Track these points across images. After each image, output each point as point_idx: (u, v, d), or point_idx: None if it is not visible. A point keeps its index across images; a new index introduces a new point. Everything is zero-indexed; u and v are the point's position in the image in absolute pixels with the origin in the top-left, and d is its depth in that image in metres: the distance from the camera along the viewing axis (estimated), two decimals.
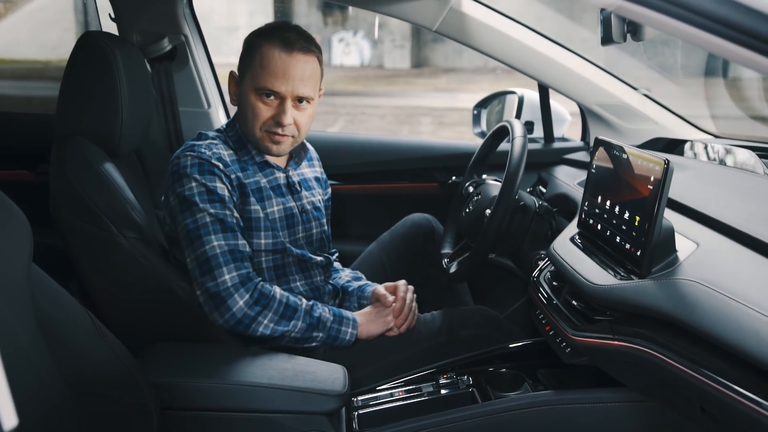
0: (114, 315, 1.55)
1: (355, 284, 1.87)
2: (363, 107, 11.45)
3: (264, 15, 16.22)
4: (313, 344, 1.60)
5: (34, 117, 2.48)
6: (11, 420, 0.51)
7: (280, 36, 1.57)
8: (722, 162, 1.75)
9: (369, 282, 1.87)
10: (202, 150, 1.58)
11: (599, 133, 2.13)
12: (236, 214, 1.58)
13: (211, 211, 1.53)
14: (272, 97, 1.58)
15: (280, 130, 1.60)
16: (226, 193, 1.57)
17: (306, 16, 17.01)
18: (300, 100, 1.60)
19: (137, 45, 2.14)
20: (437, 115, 10.73)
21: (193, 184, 1.54)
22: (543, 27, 2.09)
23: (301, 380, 1.34)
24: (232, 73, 1.67)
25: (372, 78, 15.69)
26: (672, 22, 0.66)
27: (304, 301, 1.61)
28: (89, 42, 1.53)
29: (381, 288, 1.76)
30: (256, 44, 1.59)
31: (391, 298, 1.70)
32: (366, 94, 13.10)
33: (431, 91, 13.72)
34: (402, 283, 1.76)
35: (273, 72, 1.55)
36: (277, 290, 1.57)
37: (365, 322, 1.66)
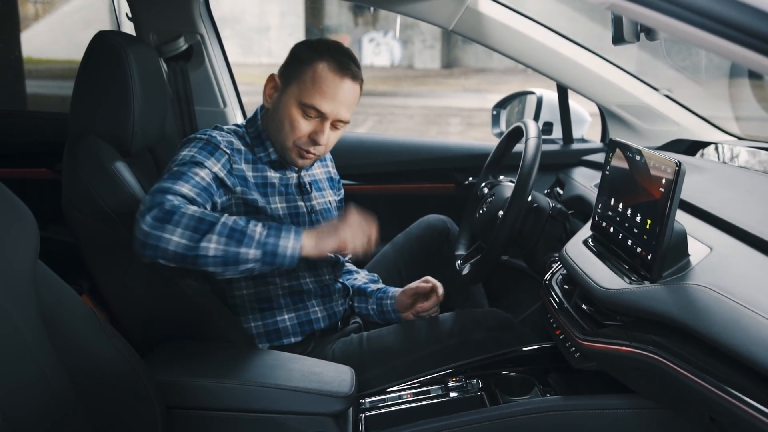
0: (123, 312, 1.56)
1: (374, 286, 1.86)
2: (392, 107, 11.45)
3: (295, 16, 16.31)
4: (249, 265, 1.36)
5: (54, 116, 2.51)
6: None
7: (336, 58, 1.58)
8: (743, 164, 1.71)
9: (389, 287, 1.86)
10: (213, 134, 1.59)
11: (619, 135, 2.11)
12: (202, 175, 1.47)
13: (175, 168, 1.46)
14: (315, 114, 1.59)
15: (312, 149, 1.62)
16: (211, 165, 1.50)
17: (337, 16, 17.07)
18: (338, 122, 1.62)
19: (153, 44, 2.17)
20: (466, 116, 10.70)
21: (185, 151, 1.52)
22: (574, 27, 2.06)
23: (307, 381, 1.34)
24: (272, 76, 1.66)
25: (402, 78, 15.69)
26: (667, 20, 0.64)
27: (227, 216, 1.40)
28: (102, 41, 1.54)
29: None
30: (309, 59, 1.59)
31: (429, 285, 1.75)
32: (395, 95, 13.10)
33: (461, 92, 13.67)
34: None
35: (324, 92, 1.57)
36: (192, 207, 1.36)
37: (315, 234, 1.42)
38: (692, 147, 2.00)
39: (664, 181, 1.11)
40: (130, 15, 2.20)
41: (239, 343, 1.56)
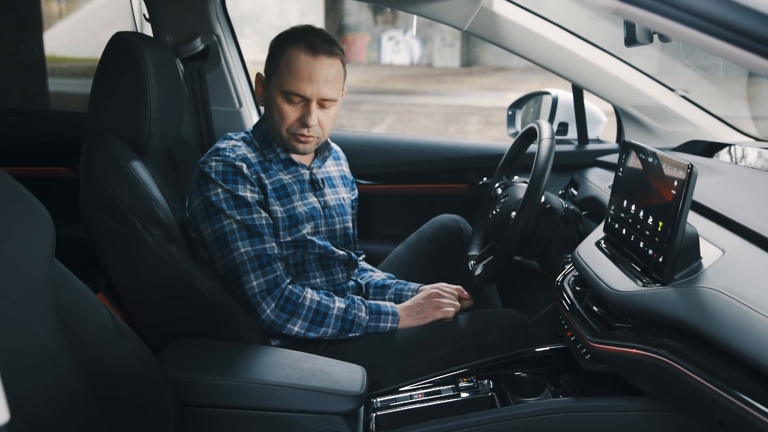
0: (138, 311, 1.58)
1: (392, 281, 1.88)
2: (411, 106, 11.43)
3: (315, 14, 16.34)
4: (352, 337, 1.66)
5: (71, 115, 2.55)
6: (3, 415, 0.52)
7: (305, 40, 1.62)
8: (759, 166, 1.69)
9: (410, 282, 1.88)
10: (227, 153, 1.63)
11: (634, 135, 2.10)
12: (264, 214, 1.62)
13: (238, 217, 1.58)
14: (298, 99, 1.63)
15: (305, 131, 1.65)
16: (249, 194, 1.61)
17: (356, 14, 17.08)
18: (324, 101, 1.63)
19: (170, 45, 2.19)
20: (485, 115, 10.66)
21: (219, 190, 1.59)
22: (595, 28, 2.05)
23: (318, 380, 1.35)
24: (258, 75, 1.72)
25: (421, 77, 15.66)
26: (672, 24, 0.63)
27: (337, 302, 1.64)
28: (119, 42, 1.56)
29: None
30: (281, 48, 1.64)
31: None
32: (414, 93, 13.08)
33: (480, 90, 13.62)
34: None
35: (299, 75, 1.60)
36: (308, 294, 1.62)
37: (405, 316, 1.70)
38: (709, 148, 1.98)
39: (676, 183, 1.10)
40: (147, 16, 2.23)
41: (251, 340, 1.57)
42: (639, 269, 1.22)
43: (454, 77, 15.49)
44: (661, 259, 1.13)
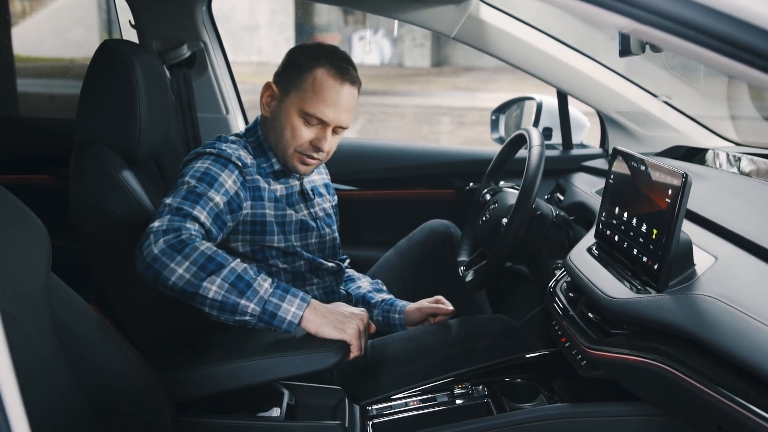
0: (130, 321, 1.56)
1: (378, 296, 1.85)
2: (383, 106, 11.42)
3: (285, 14, 16.26)
4: (246, 318, 1.31)
5: (56, 122, 2.52)
6: None
7: (335, 64, 1.57)
8: (743, 172, 1.73)
9: (396, 298, 1.85)
10: (223, 147, 1.57)
11: (618, 140, 2.12)
12: (218, 200, 1.46)
13: (192, 183, 1.46)
14: (316, 122, 1.59)
15: (315, 154, 1.62)
16: (224, 181, 1.50)
17: (327, 14, 17.03)
18: (339, 128, 1.61)
19: (157, 51, 2.17)
20: (457, 115, 10.69)
21: (197, 164, 1.51)
22: (565, 27, 2.07)
23: (299, 345, 1.34)
24: (269, 84, 1.65)
25: (392, 77, 15.66)
26: (689, 46, 0.65)
27: (240, 262, 1.34)
28: (108, 50, 1.54)
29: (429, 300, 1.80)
30: (307, 66, 1.58)
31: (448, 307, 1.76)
32: (386, 93, 13.07)
33: (451, 90, 13.67)
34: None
35: (325, 100, 1.56)
36: (207, 244, 1.33)
37: (322, 313, 1.35)
38: (689, 153, 2.02)
39: (670, 191, 1.12)
40: (133, 22, 2.20)
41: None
42: (632, 276, 1.23)
43: (425, 77, 15.52)
44: (656, 267, 1.14)
